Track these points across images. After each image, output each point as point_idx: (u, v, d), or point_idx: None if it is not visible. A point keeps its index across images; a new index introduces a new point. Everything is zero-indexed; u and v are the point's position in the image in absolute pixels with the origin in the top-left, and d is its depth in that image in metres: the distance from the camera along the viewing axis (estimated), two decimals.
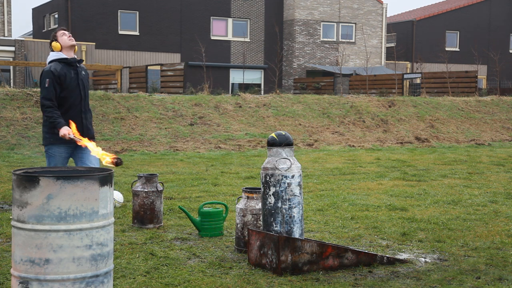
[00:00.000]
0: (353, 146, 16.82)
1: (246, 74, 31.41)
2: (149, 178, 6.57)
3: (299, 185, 5.06)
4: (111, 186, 3.55)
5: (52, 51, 5.88)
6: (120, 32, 33.81)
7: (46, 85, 5.68)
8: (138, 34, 34.09)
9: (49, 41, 5.99)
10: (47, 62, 5.88)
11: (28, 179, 3.39)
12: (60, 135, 5.59)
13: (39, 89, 17.89)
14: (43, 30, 37.13)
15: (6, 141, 14.45)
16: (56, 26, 35.24)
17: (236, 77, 35.59)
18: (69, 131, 5.53)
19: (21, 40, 31.37)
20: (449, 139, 18.73)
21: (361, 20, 38.21)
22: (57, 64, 5.81)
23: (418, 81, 30.05)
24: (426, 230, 6.41)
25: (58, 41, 5.85)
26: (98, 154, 4.44)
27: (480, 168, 12.15)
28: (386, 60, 39.89)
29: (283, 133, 5.13)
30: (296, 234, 5.01)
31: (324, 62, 37.35)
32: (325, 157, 14.19)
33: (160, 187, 6.60)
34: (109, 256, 3.58)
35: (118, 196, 7.52)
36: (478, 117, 21.72)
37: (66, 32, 5.88)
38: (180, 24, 34.75)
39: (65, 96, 5.75)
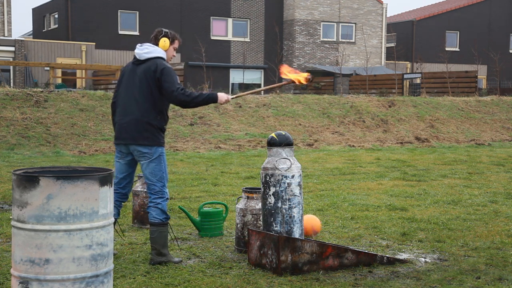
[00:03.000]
0: (353, 146, 16.81)
1: (246, 74, 31.39)
2: None
3: (299, 185, 5.06)
4: (111, 186, 3.55)
5: (154, 43, 5.23)
6: (120, 32, 33.82)
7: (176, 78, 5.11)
8: (138, 34, 34.09)
9: (153, 36, 5.29)
10: (155, 54, 5.16)
11: (28, 179, 3.39)
12: (222, 101, 5.17)
13: (38, 89, 17.95)
14: (43, 30, 37.13)
15: (6, 141, 14.44)
16: (56, 26, 35.24)
17: (236, 77, 35.58)
18: (228, 95, 5.24)
19: (21, 40, 31.38)
20: (449, 139, 18.72)
21: (361, 20, 38.21)
22: None
23: (418, 81, 30.02)
24: (426, 230, 6.41)
25: (170, 45, 5.27)
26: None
27: (480, 168, 12.15)
28: (386, 60, 39.89)
29: (283, 133, 5.14)
30: (296, 234, 5.01)
31: (324, 62, 37.34)
32: (325, 157, 14.18)
33: None
34: (109, 256, 3.58)
35: None
36: (478, 117, 21.71)
37: (177, 48, 5.36)
38: (180, 24, 34.74)
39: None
